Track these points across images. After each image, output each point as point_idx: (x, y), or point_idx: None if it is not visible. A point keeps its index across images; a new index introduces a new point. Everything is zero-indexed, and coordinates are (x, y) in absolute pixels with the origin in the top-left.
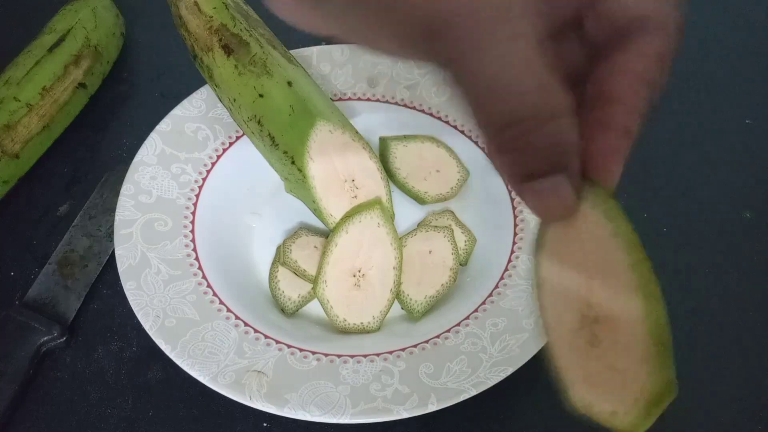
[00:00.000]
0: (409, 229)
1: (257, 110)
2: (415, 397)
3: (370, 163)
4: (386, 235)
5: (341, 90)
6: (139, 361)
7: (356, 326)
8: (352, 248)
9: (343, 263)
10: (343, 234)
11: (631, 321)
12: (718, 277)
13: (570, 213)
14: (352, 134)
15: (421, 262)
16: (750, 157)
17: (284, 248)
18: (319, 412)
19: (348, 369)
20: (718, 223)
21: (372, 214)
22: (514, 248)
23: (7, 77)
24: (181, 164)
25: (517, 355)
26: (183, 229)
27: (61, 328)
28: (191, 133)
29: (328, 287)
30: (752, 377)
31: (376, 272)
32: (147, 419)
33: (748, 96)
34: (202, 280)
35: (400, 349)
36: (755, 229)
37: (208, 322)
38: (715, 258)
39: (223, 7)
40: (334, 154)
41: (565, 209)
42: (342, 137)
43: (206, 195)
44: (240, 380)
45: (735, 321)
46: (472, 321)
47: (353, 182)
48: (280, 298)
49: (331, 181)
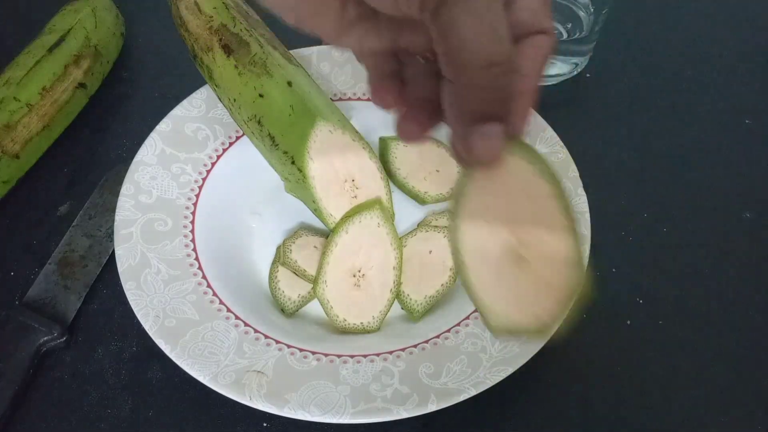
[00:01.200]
0: (409, 229)
1: (257, 110)
2: (415, 397)
3: (370, 163)
4: (386, 235)
5: (341, 90)
6: (139, 361)
7: (356, 326)
8: (351, 248)
9: (343, 263)
10: (342, 234)
11: (553, 237)
12: (718, 277)
13: (501, 156)
14: (352, 134)
15: (421, 262)
16: (750, 157)
17: (284, 248)
18: (319, 412)
19: (348, 369)
20: (718, 223)
21: (372, 214)
22: None
23: (7, 77)
24: (181, 164)
25: (517, 355)
26: (183, 229)
27: (61, 328)
28: (191, 133)
29: (328, 287)
30: (752, 377)
31: (376, 272)
32: (147, 419)
33: (748, 96)
34: (202, 280)
35: (400, 349)
36: (755, 229)
37: (208, 322)
38: (715, 258)
39: (223, 7)
40: (334, 154)
41: (499, 153)
42: (342, 137)
43: (206, 195)
44: (240, 380)
45: (735, 321)
46: (472, 321)
47: (353, 182)
48: (280, 298)
49: (331, 181)
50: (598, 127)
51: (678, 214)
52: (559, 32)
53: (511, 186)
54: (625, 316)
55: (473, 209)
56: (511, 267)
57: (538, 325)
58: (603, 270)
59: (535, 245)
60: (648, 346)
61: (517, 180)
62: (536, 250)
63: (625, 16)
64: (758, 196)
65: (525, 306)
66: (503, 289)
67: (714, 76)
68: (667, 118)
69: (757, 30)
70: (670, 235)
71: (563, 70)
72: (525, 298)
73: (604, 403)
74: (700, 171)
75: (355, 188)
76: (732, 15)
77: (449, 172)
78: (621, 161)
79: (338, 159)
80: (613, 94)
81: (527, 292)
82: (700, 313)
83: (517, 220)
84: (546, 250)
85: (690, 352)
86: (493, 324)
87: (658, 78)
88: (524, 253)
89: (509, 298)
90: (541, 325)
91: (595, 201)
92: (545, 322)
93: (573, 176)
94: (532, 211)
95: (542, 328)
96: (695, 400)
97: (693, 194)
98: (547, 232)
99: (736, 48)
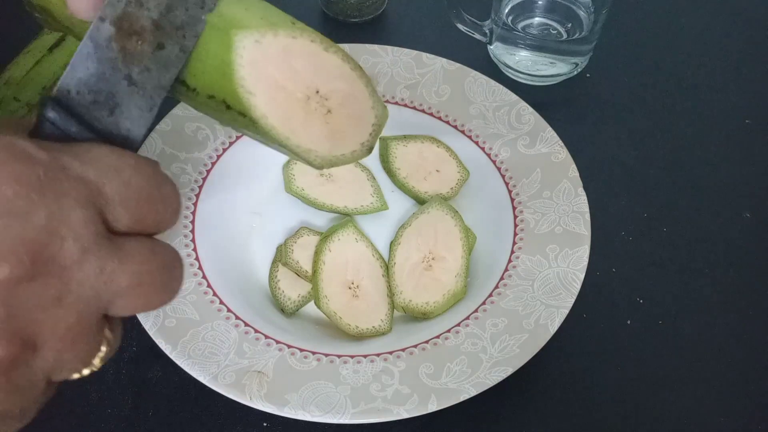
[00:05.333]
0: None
1: None
2: (415, 397)
3: (330, 57)
4: (366, 248)
5: None
6: (139, 361)
7: (369, 330)
8: (339, 264)
9: (336, 278)
10: (327, 252)
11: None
12: (718, 277)
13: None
14: (289, 30)
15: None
16: (750, 157)
17: (286, 248)
18: (319, 412)
19: (348, 369)
20: (718, 223)
21: (347, 231)
22: (514, 248)
23: (7, 77)
24: (181, 164)
25: (517, 355)
26: (183, 229)
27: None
28: (191, 132)
29: (330, 301)
30: (752, 377)
31: (368, 281)
32: (147, 419)
33: (748, 96)
34: (202, 280)
35: (400, 350)
36: (755, 229)
37: (208, 322)
38: (715, 258)
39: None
40: (277, 70)
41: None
42: (276, 41)
43: (206, 195)
44: (240, 380)
45: (735, 321)
46: (472, 321)
47: (318, 94)
48: (280, 298)
49: (290, 106)
50: (598, 127)
51: (678, 214)
52: (559, 32)
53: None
54: (625, 316)
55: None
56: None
57: (354, 155)
58: (603, 270)
59: (334, 92)
60: (648, 346)
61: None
62: (335, 94)
63: (625, 16)
64: (758, 196)
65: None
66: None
67: (714, 75)
68: (667, 118)
69: (757, 30)
70: (670, 235)
71: (563, 70)
72: (339, 135)
73: (604, 403)
74: (700, 171)
75: (323, 101)
76: (732, 15)
77: (449, 172)
78: (621, 161)
79: (285, 74)
80: (613, 94)
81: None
82: (700, 313)
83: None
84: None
85: (690, 352)
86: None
87: (658, 78)
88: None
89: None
90: (359, 152)
91: (595, 201)
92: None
93: (573, 176)
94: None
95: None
96: (695, 400)
97: (693, 194)
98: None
99: (736, 48)
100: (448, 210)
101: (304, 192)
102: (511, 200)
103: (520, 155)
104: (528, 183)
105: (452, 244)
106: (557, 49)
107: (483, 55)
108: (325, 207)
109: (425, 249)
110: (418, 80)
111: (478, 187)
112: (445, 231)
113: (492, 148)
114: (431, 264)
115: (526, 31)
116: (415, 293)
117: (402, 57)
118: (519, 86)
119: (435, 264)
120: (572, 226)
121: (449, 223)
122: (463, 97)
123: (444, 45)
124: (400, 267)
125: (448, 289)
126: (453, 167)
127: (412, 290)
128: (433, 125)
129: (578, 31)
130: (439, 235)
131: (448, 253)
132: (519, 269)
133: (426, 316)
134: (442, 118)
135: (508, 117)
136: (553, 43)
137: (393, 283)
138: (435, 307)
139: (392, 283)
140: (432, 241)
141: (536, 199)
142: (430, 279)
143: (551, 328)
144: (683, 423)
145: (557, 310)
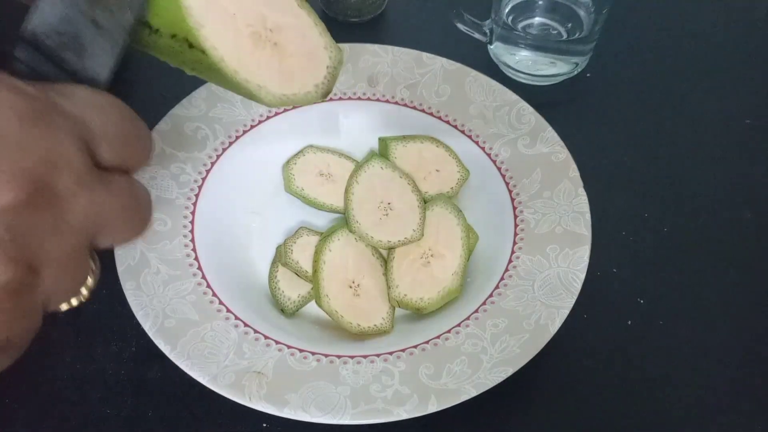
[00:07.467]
0: None
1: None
2: (415, 397)
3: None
4: (365, 247)
5: (341, 90)
6: (139, 361)
7: (371, 328)
8: (340, 263)
9: (336, 277)
10: (327, 252)
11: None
12: (718, 277)
13: None
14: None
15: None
16: (750, 157)
17: (285, 249)
18: (319, 412)
19: (348, 370)
20: (718, 223)
21: (347, 230)
22: (515, 248)
23: None
24: (180, 164)
25: (517, 355)
26: (182, 229)
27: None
28: (191, 132)
29: (331, 300)
30: (752, 377)
31: (369, 280)
32: (147, 419)
33: (748, 96)
34: (201, 281)
35: (400, 350)
36: (755, 229)
37: (207, 323)
38: (715, 258)
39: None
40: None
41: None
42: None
43: (206, 195)
44: (240, 381)
45: (735, 321)
46: (472, 321)
47: (266, 28)
48: (280, 298)
49: (239, 39)
50: (598, 127)
51: (678, 214)
52: (559, 32)
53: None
54: (625, 316)
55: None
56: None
57: (309, 93)
58: (603, 270)
59: (283, 30)
60: (648, 346)
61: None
62: (286, 33)
63: (625, 16)
64: (758, 196)
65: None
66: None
67: (714, 75)
68: (667, 118)
69: (757, 30)
70: (670, 235)
71: (563, 70)
72: (292, 77)
73: (604, 403)
74: (700, 171)
75: (269, 33)
76: (732, 15)
77: (449, 172)
78: (621, 161)
79: (233, 2)
80: (613, 94)
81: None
82: (700, 313)
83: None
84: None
85: (690, 352)
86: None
87: (658, 78)
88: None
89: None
90: (313, 92)
91: (595, 201)
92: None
93: (573, 176)
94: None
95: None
96: (695, 400)
97: (693, 194)
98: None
99: (736, 48)
100: (452, 208)
101: (304, 192)
102: (512, 200)
103: (520, 155)
104: (528, 183)
105: (453, 243)
106: (557, 49)
107: (483, 55)
108: (324, 207)
109: (425, 245)
110: (418, 80)
111: (478, 187)
112: (447, 229)
113: (492, 148)
114: (430, 261)
115: (526, 31)
116: (410, 288)
117: (402, 57)
118: (519, 86)
119: (433, 261)
120: (572, 226)
121: (452, 221)
122: (463, 97)
123: (444, 45)
124: (399, 262)
125: (444, 286)
126: (453, 167)
127: (408, 285)
128: (433, 125)
129: (578, 31)
130: (440, 233)
131: (448, 251)
132: (519, 269)
133: (420, 311)
134: (442, 117)
135: (509, 117)
136: (553, 43)
137: (390, 277)
138: (429, 303)
139: (389, 277)
140: (433, 238)
141: (536, 199)
142: (426, 275)
143: (552, 329)
144: (683, 423)
145: (558, 311)
